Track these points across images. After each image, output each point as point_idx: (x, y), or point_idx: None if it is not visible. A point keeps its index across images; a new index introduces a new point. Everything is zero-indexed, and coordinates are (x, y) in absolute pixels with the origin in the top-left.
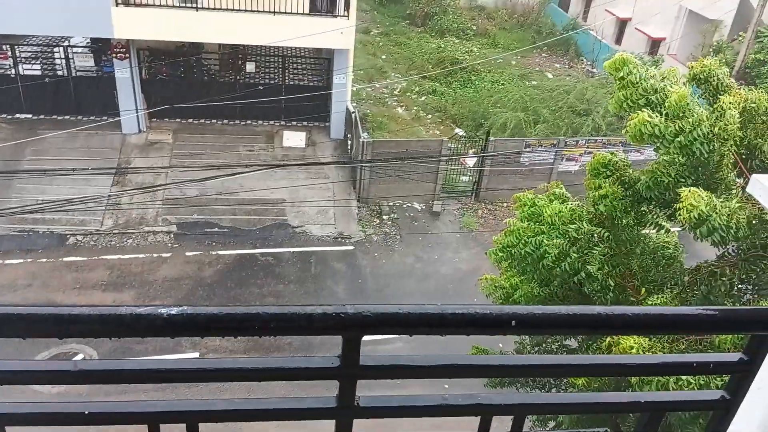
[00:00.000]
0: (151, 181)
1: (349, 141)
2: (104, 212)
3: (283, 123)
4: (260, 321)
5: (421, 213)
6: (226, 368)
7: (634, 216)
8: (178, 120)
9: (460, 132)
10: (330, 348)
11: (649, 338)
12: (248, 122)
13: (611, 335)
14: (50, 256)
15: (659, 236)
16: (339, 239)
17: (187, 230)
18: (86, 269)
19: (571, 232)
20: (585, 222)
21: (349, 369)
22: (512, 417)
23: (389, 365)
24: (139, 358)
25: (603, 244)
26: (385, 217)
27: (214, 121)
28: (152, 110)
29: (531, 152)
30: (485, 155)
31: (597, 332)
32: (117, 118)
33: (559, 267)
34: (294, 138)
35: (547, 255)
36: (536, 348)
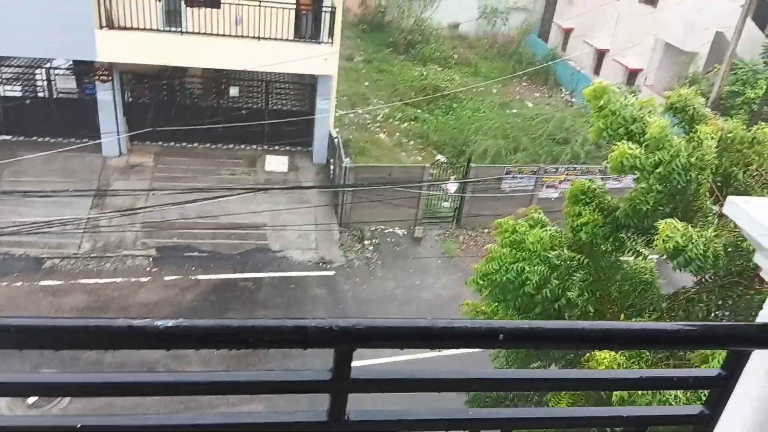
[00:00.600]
0: (131, 205)
1: (332, 166)
2: (82, 235)
3: (266, 147)
4: (255, 334)
5: (403, 238)
6: (220, 381)
7: (613, 243)
8: (160, 143)
9: (442, 158)
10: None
11: (626, 354)
12: (231, 146)
13: (595, 349)
14: (26, 280)
15: (636, 262)
16: (320, 264)
17: (167, 254)
18: (63, 293)
19: (552, 259)
20: (565, 248)
21: (341, 383)
22: None
23: (381, 379)
24: (132, 371)
25: (583, 271)
26: (367, 243)
27: (197, 145)
28: (134, 133)
29: (512, 179)
30: (466, 181)
31: (582, 346)
32: (98, 141)
33: (541, 294)
34: (276, 162)
35: (529, 282)
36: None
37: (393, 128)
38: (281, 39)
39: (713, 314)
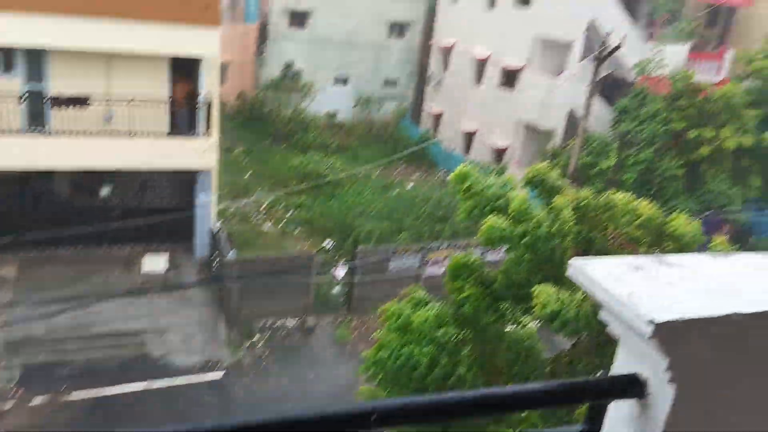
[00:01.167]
0: None
1: (215, 261)
2: None
3: (144, 247)
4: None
5: (294, 330)
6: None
7: (495, 313)
8: (25, 252)
9: (328, 244)
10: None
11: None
12: (105, 248)
13: (466, 418)
14: None
15: (518, 331)
16: (207, 367)
17: (33, 374)
18: None
19: (440, 338)
20: (451, 326)
21: None
22: None
23: None
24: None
25: (470, 345)
26: (257, 338)
27: (67, 250)
28: None
29: (398, 259)
30: (354, 265)
31: (454, 416)
32: None
33: (432, 375)
34: (155, 262)
35: (419, 365)
36: None
37: (278, 217)
38: (156, 135)
39: (593, 373)
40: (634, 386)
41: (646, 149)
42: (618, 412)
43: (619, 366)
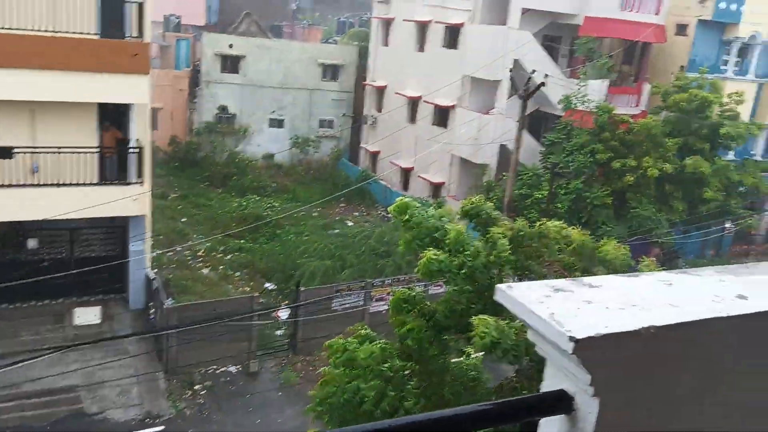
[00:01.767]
0: None
1: (151, 310)
2: None
3: (74, 299)
4: None
5: (238, 375)
6: None
7: (439, 345)
8: None
9: (270, 286)
10: None
11: None
12: (33, 303)
13: None
14: None
15: (462, 361)
16: (147, 421)
17: None
18: None
19: (386, 372)
20: (396, 359)
21: None
22: None
23: None
24: None
25: (416, 378)
26: (198, 387)
27: None
28: None
29: (341, 297)
30: (297, 305)
31: None
32: None
33: (378, 409)
34: (87, 314)
35: (366, 399)
36: None
37: (216, 261)
38: (85, 184)
39: None
40: (562, 402)
41: (576, 179)
42: (548, 429)
43: (548, 384)
